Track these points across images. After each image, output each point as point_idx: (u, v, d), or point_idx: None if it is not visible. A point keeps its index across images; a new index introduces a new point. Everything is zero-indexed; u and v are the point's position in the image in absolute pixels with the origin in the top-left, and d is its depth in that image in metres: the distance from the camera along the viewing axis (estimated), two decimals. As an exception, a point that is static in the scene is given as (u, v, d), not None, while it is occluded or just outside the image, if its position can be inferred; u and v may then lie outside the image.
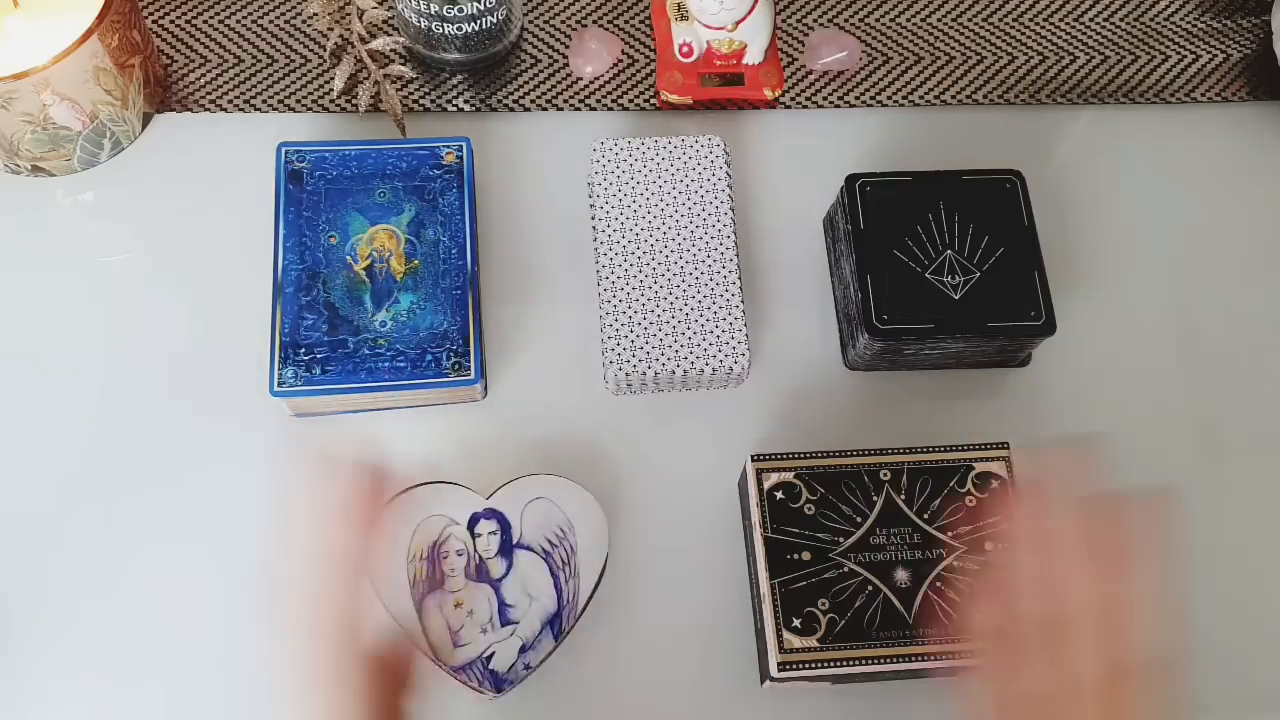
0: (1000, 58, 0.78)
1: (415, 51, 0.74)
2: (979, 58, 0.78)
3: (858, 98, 0.76)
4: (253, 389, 0.64)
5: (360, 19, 0.70)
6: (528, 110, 0.74)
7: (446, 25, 0.71)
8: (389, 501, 0.55)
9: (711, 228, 0.67)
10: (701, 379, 0.65)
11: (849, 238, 0.66)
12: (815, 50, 0.76)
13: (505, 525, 0.60)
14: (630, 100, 0.75)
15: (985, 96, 0.76)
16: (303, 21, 0.76)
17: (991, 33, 0.79)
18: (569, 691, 0.59)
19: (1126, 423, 0.68)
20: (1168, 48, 0.79)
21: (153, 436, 0.64)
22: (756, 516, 0.58)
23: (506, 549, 0.60)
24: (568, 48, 0.76)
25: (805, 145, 0.74)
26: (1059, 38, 0.79)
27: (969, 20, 0.79)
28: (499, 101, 0.74)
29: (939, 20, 0.79)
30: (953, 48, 0.78)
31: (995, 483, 0.59)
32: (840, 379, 0.68)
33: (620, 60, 0.76)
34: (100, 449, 0.63)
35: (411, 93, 0.74)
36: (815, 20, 0.79)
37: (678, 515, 0.64)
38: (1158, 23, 0.80)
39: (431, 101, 0.74)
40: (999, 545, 0.57)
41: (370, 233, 0.66)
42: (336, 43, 0.73)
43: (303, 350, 0.62)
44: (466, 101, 0.74)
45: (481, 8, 0.70)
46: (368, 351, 0.63)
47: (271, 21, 0.76)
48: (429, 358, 0.63)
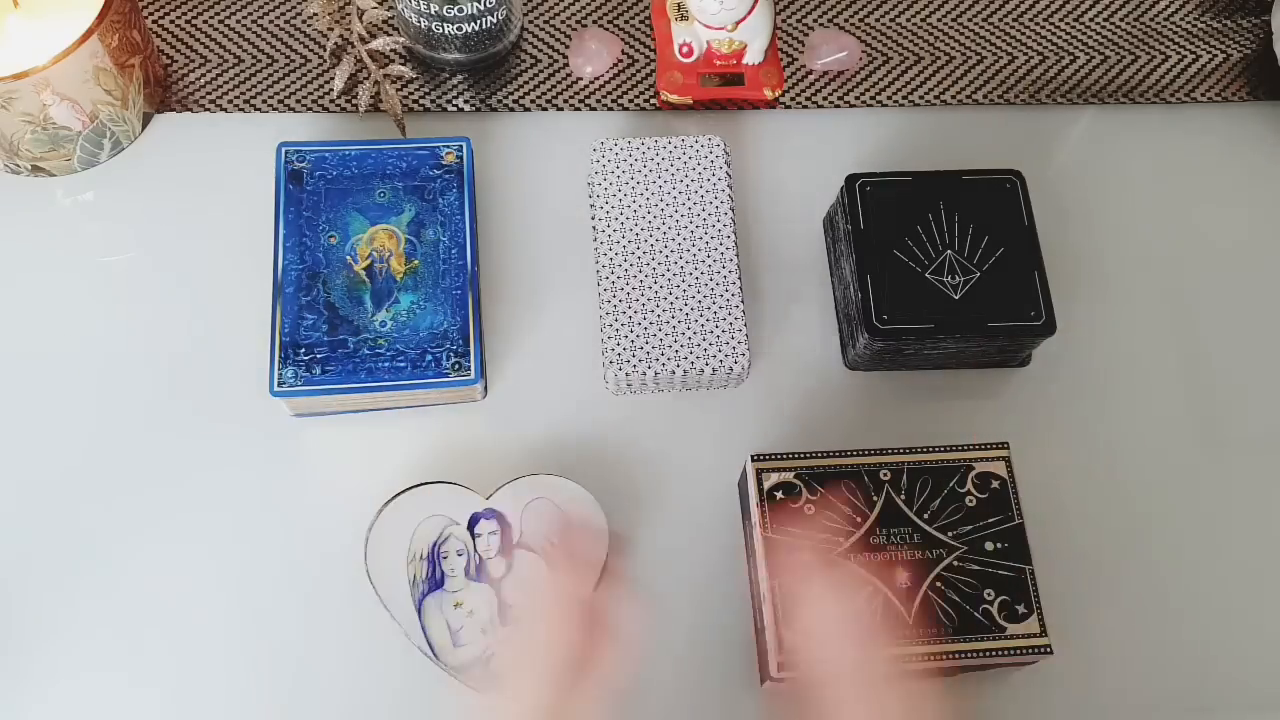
0: (1000, 58, 0.78)
1: (415, 51, 0.74)
2: (979, 58, 0.78)
3: (858, 98, 0.76)
4: (253, 389, 0.64)
5: (360, 19, 0.70)
6: (528, 110, 0.74)
7: (446, 25, 0.71)
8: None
9: (711, 228, 0.67)
10: (701, 379, 0.65)
11: (849, 238, 0.66)
12: (815, 50, 0.76)
13: (505, 525, 0.60)
14: (630, 100, 0.75)
15: (985, 96, 0.76)
16: (303, 21, 0.76)
17: (991, 33, 0.79)
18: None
19: (1126, 422, 0.68)
20: (1168, 48, 0.79)
21: (153, 436, 0.64)
22: (756, 516, 0.58)
23: (506, 549, 0.60)
24: (568, 48, 0.76)
25: (805, 145, 0.74)
26: (1059, 38, 0.79)
27: (969, 20, 0.79)
28: (499, 101, 0.74)
29: (939, 20, 0.79)
30: (953, 48, 0.78)
31: (995, 483, 0.60)
32: (840, 379, 0.68)
33: (620, 60, 0.76)
34: (100, 449, 0.63)
35: (411, 93, 0.74)
36: (815, 20, 0.79)
37: (678, 515, 0.64)
38: (1158, 23, 0.80)
39: (431, 101, 0.74)
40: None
41: (370, 233, 0.66)
42: (336, 43, 0.73)
43: (303, 350, 0.62)
44: (466, 101, 0.74)
45: (481, 8, 0.70)
46: (368, 351, 0.63)
47: (271, 21, 0.76)
48: (429, 358, 0.63)
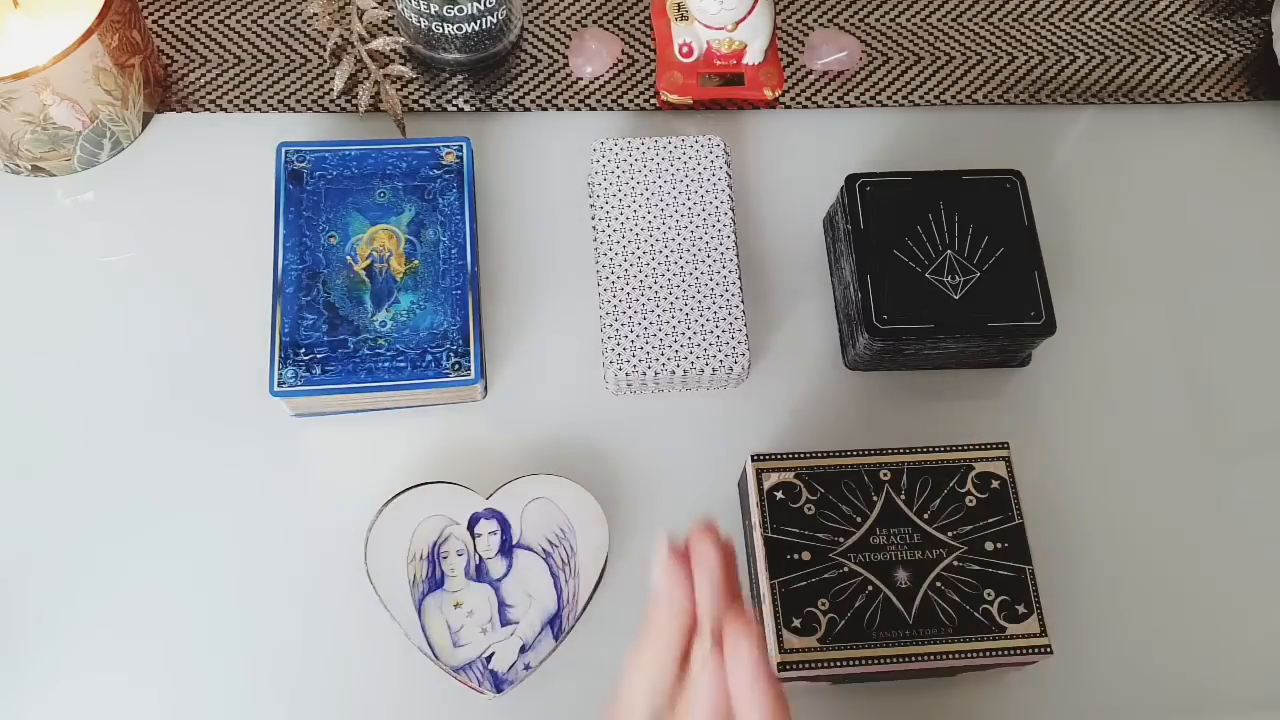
0: (1000, 58, 0.78)
1: (415, 51, 0.74)
2: (979, 58, 0.78)
3: (858, 98, 0.76)
4: (253, 389, 0.64)
5: (360, 19, 0.70)
6: (528, 110, 0.74)
7: (446, 25, 0.71)
8: None
9: (711, 228, 0.67)
10: (701, 379, 0.65)
11: (849, 238, 0.66)
12: (815, 50, 0.76)
13: (505, 525, 0.60)
14: (630, 100, 0.75)
15: (985, 96, 0.76)
16: (303, 21, 0.76)
17: (991, 33, 0.79)
18: (569, 691, 0.59)
19: (1126, 422, 0.68)
20: (1168, 48, 0.79)
21: (152, 436, 0.64)
22: (756, 516, 0.58)
23: (506, 549, 0.60)
24: (568, 48, 0.76)
25: (805, 145, 0.74)
26: (1059, 38, 0.79)
27: (969, 20, 0.79)
28: (499, 101, 0.74)
29: (939, 20, 0.79)
30: (953, 48, 0.78)
31: (995, 483, 0.60)
32: (840, 379, 0.68)
33: (620, 60, 0.76)
34: (100, 449, 0.63)
35: (411, 93, 0.74)
36: (815, 20, 0.79)
37: (678, 515, 0.64)
38: (1158, 23, 0.80)
39: (431, 101, 0.74)
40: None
41: (370, 233, 0.66)
42: (336, 43, 0.73)
43: (303, 350, 0.62)
44: (466, 101, 0.74)
45: (481, 8, 0.70)
46: (368, 351, 0.63)
47: (271, 21, 0.76)
48: (429, 358, 0.63)
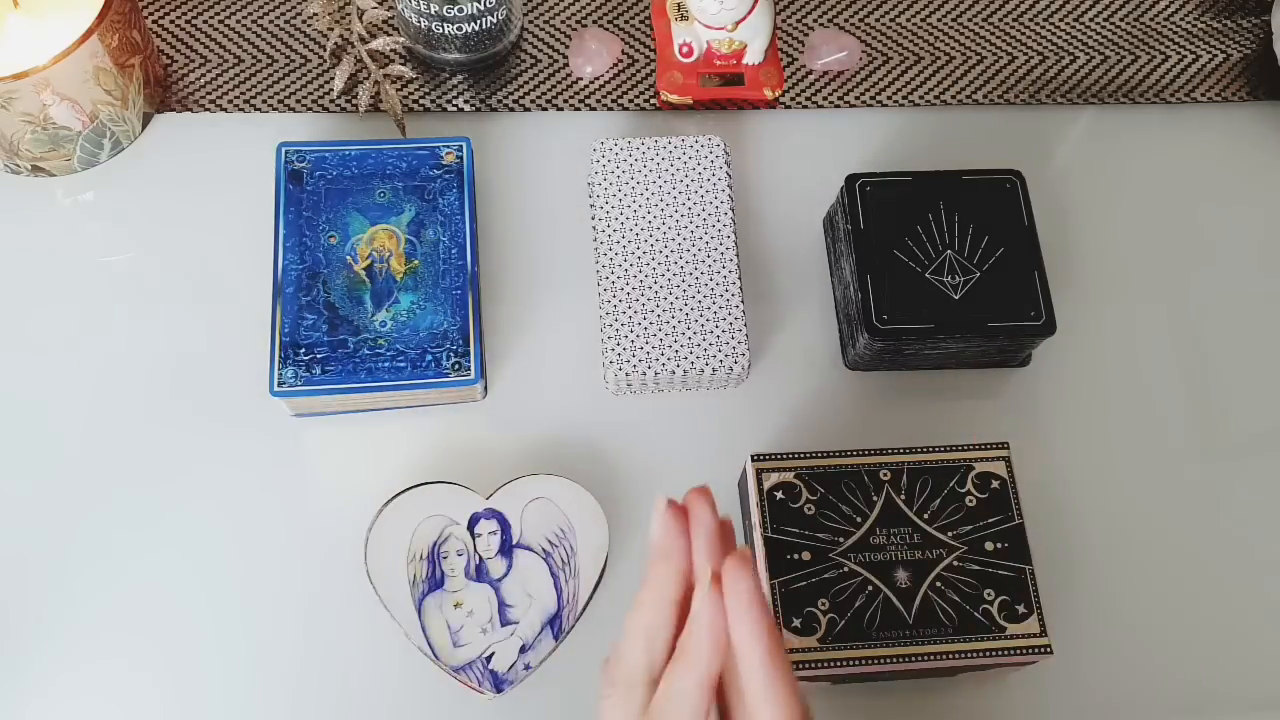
0: (1000, 58, 0.78)
1: (415, 51, 0.74)
2: (979, 58, 0.78)
3: (858, 98, 0.76)
4: (253, 389, 0.64)
5: (360, 19, 0.70)
6: (528, 110, 0.74)
7: (446, 25, 0.71)
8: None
9: (711, 228, 0.67)
10: (701, 379, 0.65)
11: (849, 238, 0.66)
12: (815, 50, 0.76)
13: (505, 525, 0.60)
14: (630, 100, 0.75)
15: (985, 96, 0.76)
16: (303, 21, 0.76)
17: (991, 33, 0.79)
18: (569, 691, 0.59)
19: (1126, 422, 0.68)
20: (1168, 48, 0.79)
21: (152, 436, 0.64)
22: (756, 516, 0.58)
23: (506, 549, 0.60)
24: (568, 48, 0.76)
25: (805, 145, 0.74)
26: (1059, 38, 0.79)
27: (969, 20, 0.79)
28: (499, 101, 0.74)
29: (939, 20, 0.79)
30: (953, 48, 0.78)
31: (995, 483, 0.60)
32: (840, 379, 0.68)
33: (620, 60, 0.76)
34: (100, 448, 0.63)
35: (411, 93, 0.74)
36: (815, 20, 0.79)
37: (678, 515, 0.64)
38: (1158, 23, 0.80)
39: (431, 101, 0.74)
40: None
41: (370, 233, 0.66)
42: (336, 43, 0.73)
43: (303, 350, 0.62)
44: (466, 101, 0.74)
45: (481, 8, 0.70)
46: (368, 351, 0.63)
47: (271, 21, 0.76)
48: (429, 358, 0.63)
